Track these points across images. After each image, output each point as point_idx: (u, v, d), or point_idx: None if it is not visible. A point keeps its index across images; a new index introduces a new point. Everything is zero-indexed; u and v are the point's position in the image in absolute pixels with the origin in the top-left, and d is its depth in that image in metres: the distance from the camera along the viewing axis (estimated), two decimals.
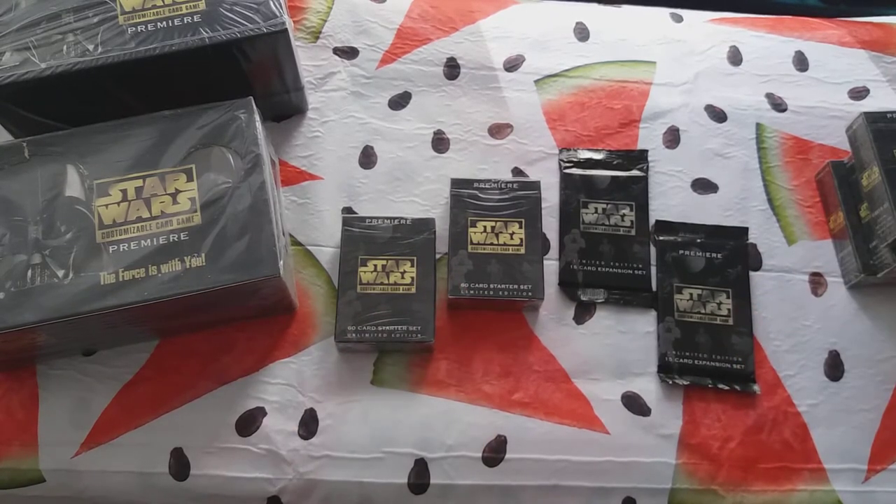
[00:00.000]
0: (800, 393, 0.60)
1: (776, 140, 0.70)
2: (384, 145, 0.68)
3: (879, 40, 0.76)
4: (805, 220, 0.67)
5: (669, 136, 0.70)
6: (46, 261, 0.51)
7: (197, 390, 0.58)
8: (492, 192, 0.63)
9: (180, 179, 0.53)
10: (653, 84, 0.72)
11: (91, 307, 0.50)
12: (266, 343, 0.60)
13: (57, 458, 0.56)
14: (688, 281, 0.63)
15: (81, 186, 0.53)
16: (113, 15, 0.56)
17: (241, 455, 0.56)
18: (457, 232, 0.61)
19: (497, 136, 0.69)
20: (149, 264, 0.51)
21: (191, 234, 0.52)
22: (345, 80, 0.70)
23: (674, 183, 0.68)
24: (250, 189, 0.53)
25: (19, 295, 0.50)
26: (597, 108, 0.71)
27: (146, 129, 0.55)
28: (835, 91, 0.73)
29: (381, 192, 0.66)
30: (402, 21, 0.73)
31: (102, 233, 0.52)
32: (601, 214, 0.65)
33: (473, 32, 0.73)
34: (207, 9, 0.57)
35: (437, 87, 0.71)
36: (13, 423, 0.56)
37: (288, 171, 0.66)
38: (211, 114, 0.55)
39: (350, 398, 0.58)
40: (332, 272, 0.62)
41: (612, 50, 0.74)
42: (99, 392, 0.57)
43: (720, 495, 0.57)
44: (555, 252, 0.65)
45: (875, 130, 0.61)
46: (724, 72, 0.73)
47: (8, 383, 0.58)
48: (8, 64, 0.54)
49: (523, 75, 0.72)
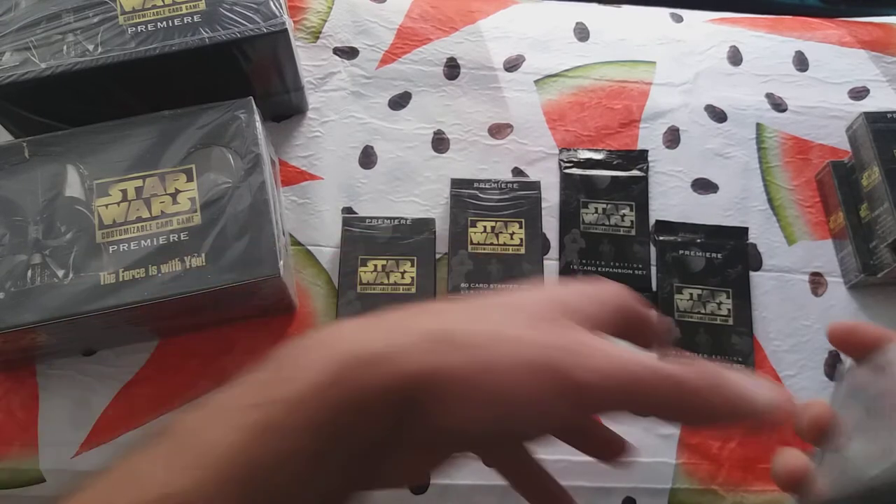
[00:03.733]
0: (800, 393, 0.60)
1: (776, 140, 0.71)
2: (384, 145, 0.68)
3: (880, 40, 0.76)
4: (805, 220, 0.67)
5: (669, 136, 0.70)
6: (46, 261, 0.51)
7: (197, 390, 0.58)
8: (492, 192, 0.63)
9: (180, 179, 0.53)
10: (653, 84, 0.72)
11: (91, 307, 0.50)
12: (266, 343, 0.60)
13: (57, 458, 0.56)
14: (688, 281, 0.63)
15: (81, 186, 0.53)
16: (113, 15, 0.56)
17: None
18: (457, 232, 0.61)
19: (497, 136, 0.69)
20: (149, 264, 0.51)
21: (191, 234, 0.52)
22: (345, 80, 0.70)
23: (674, 183, 0.68)
24: (250, 189, 0.54)
25: (19, 295, 0.50)
26: (597, 109, 0.71)
27: (146, 129, 0.55)
28: (835, 91, 0.73)
29: (381, 192, 0.66)
30: (402, 21, 0.73)
31: (102, 233, 0.52)
32: (601, 214, 0.65)
33: (473, 32, 0.73)
34: (207, 9, 0.57)
35: (437, 87, 0.71)
36: (13, 423, 0.56)
37: (288, 171, 0.66)
38: (211, 114, 0.55)
39: None
40: (332, 272, 0.62)
41: (612, 50, 0.74)
42: (99, 392, 0.57)
43: (720, 495, 0.57)
44: (555, 252, 0.65)
45: (875, 130, 0.61)
46: (724, 72, 0.73)
47: (8, 383, 0.58)
48: (8, 64, 0.54)
49: (523, 75, 0.72)
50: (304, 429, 0.26)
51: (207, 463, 0.25)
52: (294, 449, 0.25)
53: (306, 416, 0.26)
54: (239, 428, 0.25)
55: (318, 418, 0.26)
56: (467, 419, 0.27)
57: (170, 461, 0.25)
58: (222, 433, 0.26)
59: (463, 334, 0.28)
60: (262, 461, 0.25)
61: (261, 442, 0.25)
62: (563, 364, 0.27)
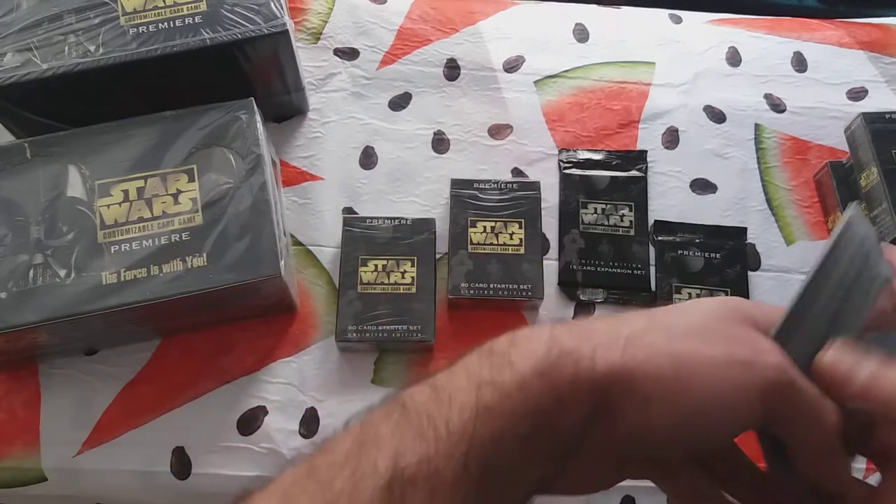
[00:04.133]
0: None
1: (775, 140, 0.71)
2: (384, 146, 0.68)
3: (878, 41, 0.76)
4: (804, 221, 0.68)
5: (668, 136, 0.70)
6: (48, 261, 0.51)
7: (198, 389, 0.58)
8: (492, 193, 0.63)
9: (182, 180, 0.54)
10: (652, 85, 0.72)
11: (93, 307, 0.50)
12: (267, 342, 0.60)
13: (59, 457, 0.56)
14: (687, 281, 0.63)
15: (83, 187, 0.53)
16: (114, 16, 0.57)
17: (242, 454, 0.56)
18: (457, 232, 0.62)
19: (497, 136, 0.69)
20: (150, 264, 0.51)
21: (192, 234, 0.52)
22: (345, 81, 0.71)
23: (673, 183, 0.68)
24: (251, 189, 0.54)
25: (21, 295, 0.50)
26: (596, 109, 0.71)
27: (147, 129, 0.55)
28: (833, 92, 0.73)
29: (381, 192, 0.66)
30: (402, 22, 0.73)
31: (104, 233, 0.52)
32: (600, 215, 0.66)
33: (473, 33, 0.74)
34: (208, 10, 0.57)
35: (437, 87, 0.71)
36: (15, 422, 0.57)
37: (289, 172, 0.66)
38: (212, 114, 0.56)
39: (351, 397, 0.59)
40: (333, 272, 0.62)
41: (611, 51, 0.74)
42: (101, 391, 0.58)
43: None
44: (554, 252, 0.65)
45: (873, 131, 0.62)
46: (722, 72, 0.74)
47: (10, 383, 0.58)
48: (10, 65, 0.54)
49: (523, 76, 0.72)
50: (516, 414, 0.28)
51: (435, 437, 0.28)
52: (509, 431, 0.28)
53: (518, 402, 0.28)
54: (463, 407, 0.28)
55: (525, 405, 0.28)
56: (654, 420, 0.29)
57: (402, 431, 0.28)
58: (448, 411, 0.29)
59: (654, 335, 0.30)
60: (482, 439, 0.28)
61: (482, 421, 0.28)
62: (752, 360, 0.29)
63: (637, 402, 0.28)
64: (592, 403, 0.29)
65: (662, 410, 0.28)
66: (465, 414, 0.28)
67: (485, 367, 0.30)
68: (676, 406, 0.28)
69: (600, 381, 0.29)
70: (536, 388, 0.28)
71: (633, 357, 0.29)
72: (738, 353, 0.29)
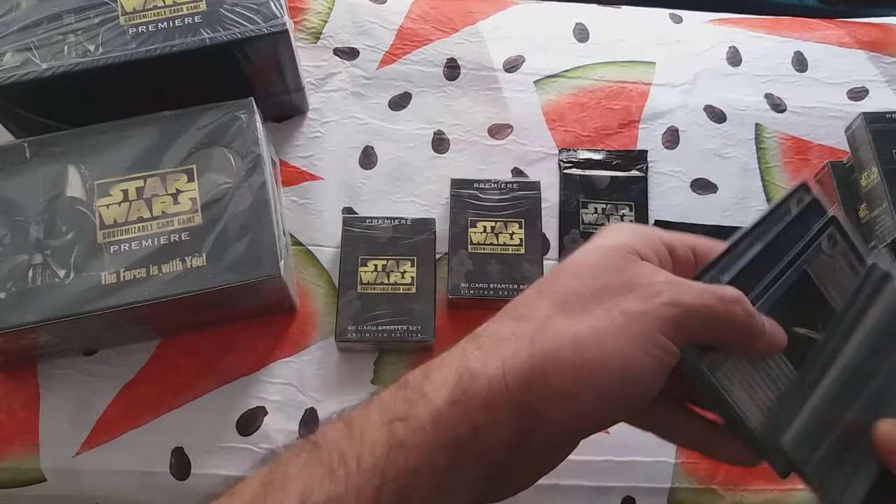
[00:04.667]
0: None
1: (775, 140, 0.71)
2: (384, 146, 0.68)
3: (879, 41, 0.76)
4: None
5: (669, 136, 0.70)
6: (47, 261, 0.51)
7: (198, 390, 0.58)
8: (492, 193, 0.63)
9: (181, 180, 0.54)
10: (652, 84, 0.72)
11: (92, 307, 0.50)
12: (267, 343, 0.60)
13: (58, 457, 0.56)
14: None
15: (82, 187, 0.53)
16: (114, 15, 0.57)
17: (242, 454, 0.56)
18: (457, 232, 0.62)
19: (497, 136, 0.69)
20: (150, 264, 0.51)
21: (192, 234, 0.52)
22: (345, 81, 0.70)
23: (673, 183, 0.68)
24: (251, 189, 0.54)
25: (20, 295, 0.50)
26: (596, 109, 0.71)
27: (147, 129, 0.55)
28: (834, 91, 0.73)
29: (381, 192, 0.66)
30: (402, 22, 0.73)
31: (103, 233, 0.52)
32: (601, 214, 0.65)
33: (473, 33, 0.74)
34: (208, 9, 0.57)
35: (437, 87, 0.71)
36: (14, 422, 0.57)
37: (288, 172, 0.66)
38: (212, 114, 0.56)
39: (351, 397, 0.58)
40: (333, 272, 0.62)
41: (611, 50, 0.74)
42: (100, 391, 0.57)
43: (719, 494, 0.57)
44: (554, 252, 0.65)
45: (874, 131, 0.62)
46: (723, 72, 0.74)
47: (9, 383, 0.58)
48: (9, 64, 0.54)
49: (523, 76, 0.72)
50: (433, 446, 0.28)
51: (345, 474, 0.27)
52: (425, 463, 0.28)
53: (433, 435, 0.28)
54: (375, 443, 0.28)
55: (441, 437, 0.28)
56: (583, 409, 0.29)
57: (311, 470, 0.28)
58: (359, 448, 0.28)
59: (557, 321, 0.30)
60: (395, 473, 0.28)
61: (394, 456, 0.28)
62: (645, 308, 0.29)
63: (560, 400, 0.28)
64: (516, 419, 0.29)
65: (586, 397, 0.28)
66: (376, 450, 0.28)
67: (398, 401, 0.29)
68: (596, 387, 0.28)
69: (517, 395, 0.28)
70: (450, 419, 0.28)
71: (542, 357, 0.29)
72: (631, 306, 0.29)
